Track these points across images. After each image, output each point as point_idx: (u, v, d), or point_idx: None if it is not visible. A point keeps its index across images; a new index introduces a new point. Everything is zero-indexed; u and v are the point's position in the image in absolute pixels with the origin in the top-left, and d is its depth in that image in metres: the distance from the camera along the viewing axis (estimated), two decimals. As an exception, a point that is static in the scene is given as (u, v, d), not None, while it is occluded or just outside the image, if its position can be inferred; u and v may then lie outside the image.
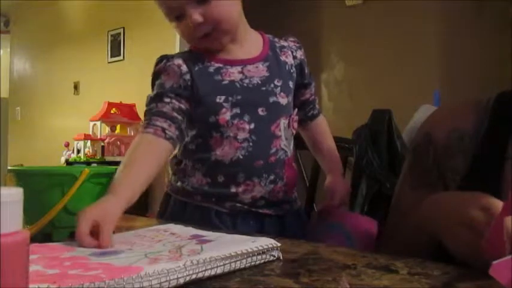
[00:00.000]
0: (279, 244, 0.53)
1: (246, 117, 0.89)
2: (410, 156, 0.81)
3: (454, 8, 2.60)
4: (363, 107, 1.91)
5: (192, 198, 0.93)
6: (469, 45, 2.54)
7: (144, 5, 3.34)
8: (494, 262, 0.39)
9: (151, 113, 0.86)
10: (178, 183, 0.95)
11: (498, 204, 0.49)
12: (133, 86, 3.41)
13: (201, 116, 0.90)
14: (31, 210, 0.61)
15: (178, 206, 0.95)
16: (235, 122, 0.88)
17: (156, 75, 0.91)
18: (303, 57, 1.01)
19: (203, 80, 0.90)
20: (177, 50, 3.04)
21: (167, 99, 0.87)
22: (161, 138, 0.82)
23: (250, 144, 0.89)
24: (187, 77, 0.89)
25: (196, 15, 0.86)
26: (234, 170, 0.89)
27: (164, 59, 0.91)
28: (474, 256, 0.50)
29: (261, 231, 0.90)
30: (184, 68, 0.89)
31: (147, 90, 0.94)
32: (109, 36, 3.66)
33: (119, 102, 3.32)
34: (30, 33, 4.66)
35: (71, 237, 0.65)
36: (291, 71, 0.98)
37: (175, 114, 0.86)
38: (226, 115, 0.88)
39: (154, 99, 0.88)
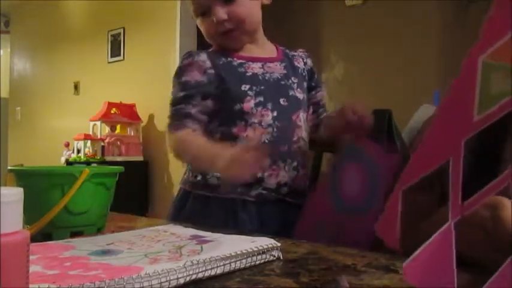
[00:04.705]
0: (279, 244, 0.53)
1: (269, 105, 0.94)
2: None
3: (453, 7, 2.60)
4: (363, 107, 1.91)
5: (216, 192, 0.94)
6: (469, 45, 2.54)
7: (144, 5, 3.35)
8: (405, 264, 0.37)
9: (181, 114, 0.94)
10: (199, 178, 0.96)
11: (505, 202, 0.49)
12: (133, 86, 3.41)
13: (226, 106, 0.95)
14: (31, 210, 0.61)
15: (199, 202, 0.96)
16: (259, 109, 0.94)
17: (181, 70, 0.97)
18: (312, 65, 1.10)
19: (228, 71, 0.96)
20: (177, 50, 3.04)
21: (194, 102, 0.94)
22: (198, 133, 0.93)
23: (275, 129, 0.94)
24: (211, 71, 0.95)
25: (222, 13, 0.94)
26: None
27: (190, 55, 0.98)
28: (482, 255, 0.50)
29: (285, 222, 0.93)
30: (208, 63, 0.96)
31: (147, 90, 0.96)
32: (109, 36, 3.66)
33: (119, 102, 3.32)
34: (30, 33, 4.65)
35: (71, 237, 0.66)
36: (303, 74, 1.06)
37: (201, 116, 0.94)
38: (250, 103, 0.94)
39: (182, 101, 0.94)
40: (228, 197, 0.93)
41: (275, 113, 0.94)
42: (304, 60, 1.08)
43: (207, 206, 0.95)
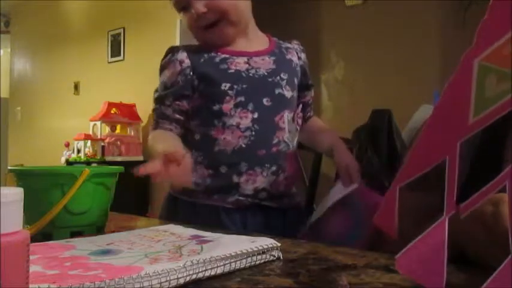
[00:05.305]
0: (279, 244, 0.53)
1: (250, 106, 0.90)
2: None
3: (453, 7, 2.60)
4: (363, 107, 1.91)
5: (195, 196, 0.92)
6: (469, 45, 2.54)
7: (144, 5, 3.35)
8: (398, 256, 0.38)
9: (157, 114, 0.95)
10: None
11: (506, 198, 0.50)
12: (133, 86, 3.41)
13: (205, 105, 0.92)
14: (31, 210, 0.61)
15: (188, 207, 0.94)
16: (238, 110, 0.89)
17: (161, 68, 0.97)
18: (306, 60, 1.04)
19: (208, 69, 0.91)
20: (177, 50, 3.04)
21: (168, 102, 0.93)
22: (169, 132, 0.94)
23: (253, 133, 0.89)
24: (188, 71, 0.92)
25: (199, 5, 0.89)
26: (236, 159, 0.89)
27: (170, 52, 0.95)
28: (484, 250, 0.50)
29: (267, 226, 0.90)
30: (186, 62, 0.92)
31: (147, 90, 0.96)
32: (109, 36, 3.66)
33: (119, 102, 3.32)
34: (30, 33, 4.66)
35: (71, 237, 0.66)
36: (297, 69, 1.00)
37: (177, 116, 0.93)
38: (230, 103, 0.89)
39: (158, 101, 0.95)
40: (210, 204, 0.91)
41: (255, 115, 0.89)
42: (299, 54, 1.02)
43: (193, 211, 0.93)
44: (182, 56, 0.93)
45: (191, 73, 0.92)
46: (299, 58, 1.02)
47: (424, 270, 0.36)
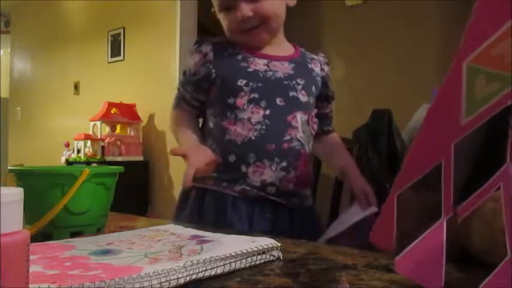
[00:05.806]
0: (279, 244, 0.53)
1: (263, 103, 0.93)
2: None
3: (453, 7, 2.60)
4: (363, 107, 1.91)
5: (204, 183, 0.95)
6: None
7: (144, 5, 3.35)
8: (397, 258, 0.38)
9: (180, 94, 1.04)
10: None
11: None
12: (133, 86, 3.41)
13: (220, 97, 0.96)
14: (31, 210, 0.62)
15: (198, 195, 0.98)
16: (251, 106, 0.93)
17: (189, 54, 1.03)
18: (328, 73, 1.08)
19: (229, 64, 0.97)
20: (177, 51, 3.04)
21: (189, 89, 1.01)
22: (188, 116, 1.04)
23: (264, 127, 0.92)
24: (210, 65, 0.97)
25: (247, 10, 0.93)
26: (245, 150, 0.92)
27: (197, 43, 1.01)
28: (485, 248, 0.50)
29: (274, 224, 0.92)
30: (210, 55, 0.98)
31: (147, 90, 0.99)
32: (109, 36, 3.66)
33: (119, 102, 3.32)
34: (30, 33, 4.66)
35: (71, 237, 0.66)
36: (317, 78, 1.03)
37: (194, 102, 1.02)
38: (244, 98, 0.93)
39: (182, 84, 1.03)
40: (217, 191, 0.94)
41: (267, 112, 0.93)
42: (322, 66, 1.06)
43: (203, 199, 0.96)
44: (207, 48, 0.98)
45: (211, 66, 0.96)
46: (322, 69, 1.06)
47: (423, 271, 0.36)
